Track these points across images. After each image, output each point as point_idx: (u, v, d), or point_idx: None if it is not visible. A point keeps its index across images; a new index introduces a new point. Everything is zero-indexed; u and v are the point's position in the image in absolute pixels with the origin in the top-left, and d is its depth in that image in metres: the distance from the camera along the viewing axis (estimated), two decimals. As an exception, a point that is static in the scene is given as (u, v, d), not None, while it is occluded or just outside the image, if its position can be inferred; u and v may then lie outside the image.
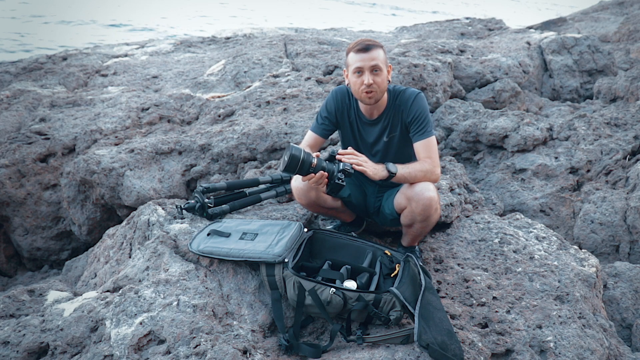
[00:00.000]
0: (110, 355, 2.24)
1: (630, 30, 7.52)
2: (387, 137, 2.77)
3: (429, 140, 2.66)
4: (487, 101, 4.94)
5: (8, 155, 4.06)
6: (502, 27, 7.11)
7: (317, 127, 2.84)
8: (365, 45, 2.57)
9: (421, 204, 2.56)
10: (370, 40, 2.61)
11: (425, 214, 2.60)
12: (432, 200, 2.57)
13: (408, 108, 2.68)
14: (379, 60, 2.59)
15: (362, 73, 2.59)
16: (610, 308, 2.96)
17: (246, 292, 2.53)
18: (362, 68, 2.58)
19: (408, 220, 2.69)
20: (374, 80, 2.59)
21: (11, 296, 2.78)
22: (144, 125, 4.38)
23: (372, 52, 2.57)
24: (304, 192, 2.74)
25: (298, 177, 2.66)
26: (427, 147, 2.65)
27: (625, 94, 5.06)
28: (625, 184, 3.82)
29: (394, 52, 5.15)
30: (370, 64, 2.57)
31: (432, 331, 2.14)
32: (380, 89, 2.63)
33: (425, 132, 2.66)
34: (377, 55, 2.58)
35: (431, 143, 2.66)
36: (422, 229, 2.73)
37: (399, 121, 2.74)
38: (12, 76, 5.35)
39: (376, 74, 2.59)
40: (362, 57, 2.57)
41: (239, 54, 5.46)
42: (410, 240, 2.84)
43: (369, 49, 2.57)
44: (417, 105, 2.67)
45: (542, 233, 3.12)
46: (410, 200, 2.59)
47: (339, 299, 2.31)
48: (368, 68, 2.58)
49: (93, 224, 3.99)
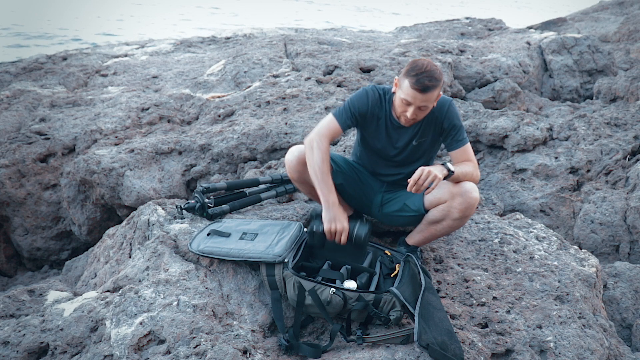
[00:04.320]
0: (110, 355, 2.24)
1: (630, 30, 7.53)
2: (417, 142, 2.78)
3: (467, 146, 2.75)
4: (487, 101, 4.94)
5: (8, 155, 4.06)
6: (502, 27, 7.12)
7: (342, 119, 2.73)
8: (424, 87, 2.47)
9: (466, 202, 2.59)
10: (431, 78, 2.48)
11: (466, 212, 2.62)
12: (476, 202, 2.62)
13: (444, 115, 2.70)
14: (431, 101, 2.55)
15: (410, 105, 2.56)
16: (610, 308, 2.96)
17: (246, 292, 2.53)
18: (411, 103, 2.55)
19: (441, 215, 2.68)
20: (418, 115, 2.60)
21: (11, 296, 2.78)
22: (144, 125, 4.38)
23: (427, 94, 2.50)
24: (294, 166, 2.80)
25: (293, 151, 2.78)
26: (466, 152, 2.74)
27: (625, 94, 5.06)
28: (625, 184, 3.82)
29: (394, 52, 5.15)
30: (421, 104, 2.55)
31: (432, 331, 2.14)
32: (419, 119, 2.66)
33: (463, 139, 2.73)
34: (430, 97, 2.52)
35: (469, 149, 2.76)
36: (448, 228, 2.73)
37: (432, 127, 2.74)
38: (12, 76, 5.35)
39: (422, 110, 2.59)
40: (415, 95, 2.50)
41: (239, 54, 5.46)
42: (421, 239, 2.82)
43: (427, 90, 2.48)
44: (452, 113, 2.71)
45: (542, 233, 3.12)
46: (455, 196, 2.60)
47: (339, 299, 2.31)
48: (417, 105, 2.55)
49: (93, 224, 3.99)
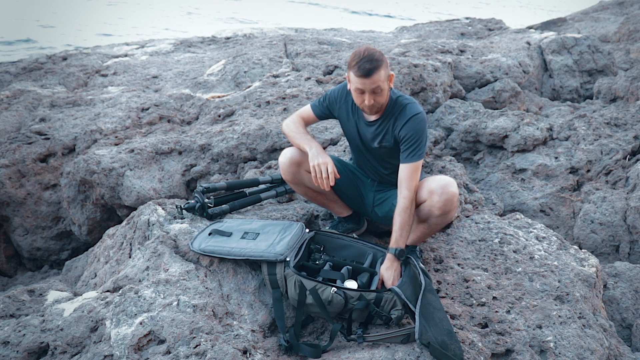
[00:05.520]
0: (110, 355, 2.24)
1: (630, 30, 7.53)
2: (378, 145, 2.76)
3: (413, 165, 2.60)
4: (487, 101, 4.94)
5: (8, 155, 4.06)
6: (502, 27, 7.11)
7: (318, 107, 2.89)
8: (366, 71, 2.49)
9: (443, 198, 2.57)
10: (371, 60, 2.50)
11: (446, 208, 2.60)
12: (455, 196, 2.59)
13: (402, 124, 2.64)
14: (380, 82, 2.53)
15: (363, 93, 2.57)
16: (610, 308, 2.96)
17: (246, 292, 2.53)
18: (363, 90, 2.56)
19: (424, 214, 2.67)
20: (375, 99, 2.58)
21: (11, 296, 2.78)
22: (144, 125, 4.38)
23: (373, 76, 2.50)
24: (286, 167, 2.83)
25: (286, 152, 2.82)
26: (409, 173, 2.60)
27: (625, 94, 5.06)
28: (625, 184, 3.82)
29: (394, 52, 5.15)
30: (371, 87, 2.53)
31: (433, 331, 2.15)
32: (380, 104, 2.63)
33: (413, 156, 2.60)
34: (377, 79, 2.52)
35: (415, 169, 2.60)
36: (435, 226, 2.71)
37: (392, 133, 2.70)
38: (12, 76, 5.35)
39: (377, 93, 2.57)
40: (362, 81, 2.52)
41: (239, 54, 5.46)
42: (415, 238, 2.81)
43: (370, 74, 2.49)
44: (412, 124, 2.62)
45: (542, 233, 3.12)
46: (432, 194, 2.58)
47: (340, 299, 2.31)
48: (369, 90, 2.55)
49: (93, 224, 3.99)
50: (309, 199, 3.07)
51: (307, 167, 2.77)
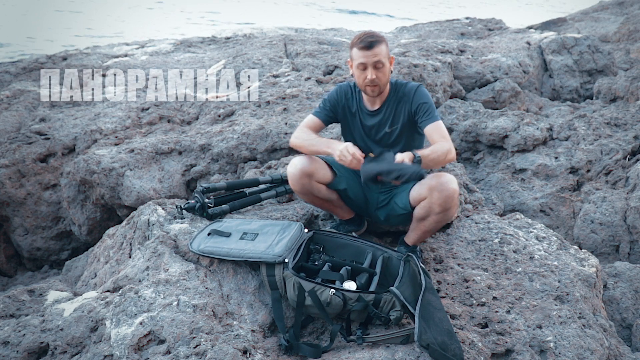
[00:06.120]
0: (110, 355, 2.24)
1: (630, 30, 7.52)
2: (390, 129, 2.84)
3: (438, 123, 2.75)
4: (487, 101, 4.94)
5: (8, 155, 4.06)
6: (502, 27, 7.11)
7: (321, 113, 2.92)
8: (369, 43, 2.65)
9: (444, 195, 2.58)
10: (373, 35, 2.69)
11: (446, 205, 2.61)
12: (455, 193, 2.61)
13: (411, 98, 2.78)
14: (382, 56, 2.68)
15: (366, 68, 2.69)
16: (610, 308, 2.96)
17: (246, 292, 2.53)
18: (366, 64, 2.68)
19: (424, 212, 2.68)
20: (377, 75, 2.69)
21: (11, 296, 2.78)
22: (144, 125, 4.38)
23: (375, 49, 2.66)
24: (297, 179, 2.79)
25: (295, 163, 2.76)
26: (439, 128, 2.74)
27: (625, 94, 5.06)
28: (625, 184, 3.82)
29: (394, 52, 5.15)
30: (373, 60, 2.67)
31: (432, 331, 2.14)
32: (382, 82, 2.74)
33: (433, 117, 2.75)
34: (379, 52, 2.67)
35: (441, 125, 2.76)
36: (435, 224, 2.72)
37: (402, 112, 2.81)
38: (12, 76, 5.35)
39: (379, 69, 2.69)
40: (365, 53, 2.67)
41: (239, 54, 5.46)
42: (416, 237, 2.81)
43: (372, 46, 2.65)
44: (420, 93, 2.78)
45: (542, 233, 3.12)
46: (433, 191, 2.60)
47: (338, 300, 2.31)
48: (371, 64, 2.67)
49: (93, 224, 3.99)
50: (315, 206, 3.09)
51: (318, 178, 2.78)
